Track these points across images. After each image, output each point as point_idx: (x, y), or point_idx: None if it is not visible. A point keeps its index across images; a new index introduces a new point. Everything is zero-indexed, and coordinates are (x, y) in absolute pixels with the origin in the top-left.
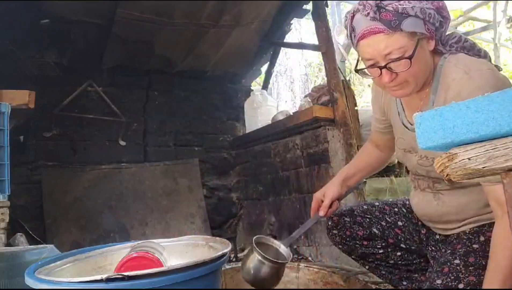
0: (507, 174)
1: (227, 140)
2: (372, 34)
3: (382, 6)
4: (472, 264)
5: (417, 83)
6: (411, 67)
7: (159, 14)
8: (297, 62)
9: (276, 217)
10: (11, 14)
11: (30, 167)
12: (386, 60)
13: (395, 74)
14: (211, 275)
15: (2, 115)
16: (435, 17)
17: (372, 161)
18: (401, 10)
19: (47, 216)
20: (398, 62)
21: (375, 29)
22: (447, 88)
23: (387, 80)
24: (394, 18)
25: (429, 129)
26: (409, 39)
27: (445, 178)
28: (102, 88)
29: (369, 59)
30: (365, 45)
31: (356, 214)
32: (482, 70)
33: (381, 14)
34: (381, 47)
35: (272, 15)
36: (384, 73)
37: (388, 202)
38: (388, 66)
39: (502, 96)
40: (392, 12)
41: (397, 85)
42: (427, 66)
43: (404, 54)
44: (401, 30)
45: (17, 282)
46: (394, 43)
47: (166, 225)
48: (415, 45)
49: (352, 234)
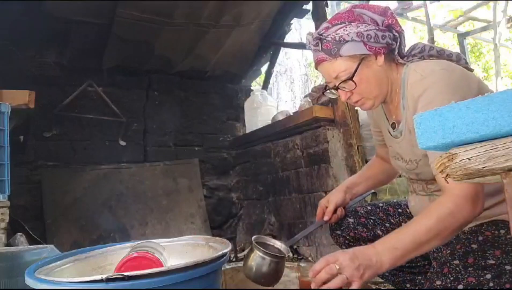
0: (507, 174)
1: (227, 140)
2: (320, 62)
3: (323, 37)
4: (471, 265)
5: (375, 96)
6: (358, 85)
7: (159, 14)
8: (297, 62)
9: (276, 217)
10: (11, 14)
11: (30, 167)
12: (337, 82)
13: (349, 93)
14: (211, 275)
15: (2, 115)
16: (377, 36)
17: (378, 172)
18: (338, 38)
19: (47, 216)
20: (346, 82)
21: (320, 58)
22: (410, 93)
23: (344, 99)
24: (333, 46)
25: (429, 129)
26: (351, 62)
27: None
28: (102, 88)
29: (328, 82)
30: (320, 71)
31: (360, 215)
32: (435, 70)
33: (323, 45)
34: (329, 72)
35: (272, 15)
36: (340, 93)
37: (392, 203)
38: (341, 87)
39: (502, 96)
40: (331, 41)
41: (357, 102)
42: (379, 79)
43: (349, 75)
44: (341, 55)
45: (17, 282)
46: (337, 67)
47: (166, 225)
48: (357, 65)
49: (356, 235)
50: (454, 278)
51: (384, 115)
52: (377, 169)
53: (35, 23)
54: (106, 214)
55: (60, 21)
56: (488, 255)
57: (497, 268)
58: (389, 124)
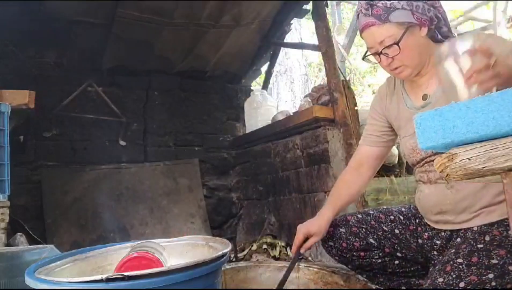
0: (507, 174)
1: (227, 140)
2: (367, 27)
3: (374, 3)
4: (474, 264)
5: (414, 64)
6: (401, 51)
7: (159, 14)
8: (297, 62)
9: (276, 217)
10: (11, 14)
11: (30, 167)
12: (381, 47)
13: (391, 59)
14: (211, 275)
15: (2, 115)
16: (424, 8)
17: (353, 193)
18: (388, 5)
19: (47, 216)
20: (390, 48)
21: (369, 23)
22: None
23: (385, 64)
24: (383, 12)
25: (429, 129)
26: (398, 28)
27: (445, 178)
28: (102, 88)
29: (370, 47)
30: (365, 36)
31: (351, 224)
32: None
33: (373, 10)
34: (375, 37)
35: (272, 15)
36: (382, 58)
37: (382, 210)
38: (384, 52)
39: (502, 96)
40: (382, 8)
41: (396, 68)
42: (420, 49)
43: (395, 41)
44: (390, 21)
45: (17, 282)
46: (384, 32)
47: (166, 225)
48: (403, 32)
49: (349, 246)
50: (456, 276)
51: (405, 96)
52: (351, 189)
53: (35, 23)
54: (106, 214)
55: (60, 21)
56: (492, 255)
57: (501, 268)
58: (413, 101)
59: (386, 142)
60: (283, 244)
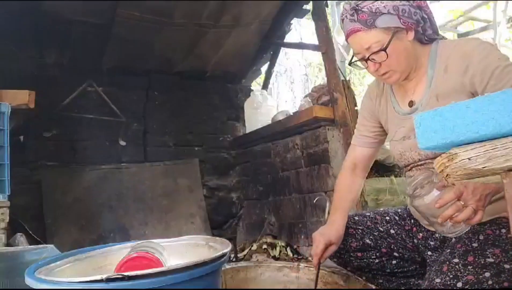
0: (507, 174)
1: (227, 140)
2: (353, 33)
3: (359, 8)
4: (471, 263)
5: (401, 69)
6: (389, 56)
7: (159, 14)
8: (297, 62)
9: (276, 217)
10: (11, 14)
11: (30, 167)
12: (368, 53)
13: (378, 65)
14: (211, 275)
15: (2, 115)
16: (411, 11)
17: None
18: (374, 10)
19: (47, 216)
20: (377, 54)
21: (354, 29)
22: (446, 58)
23: (372, 70)
24: (369, 17)
25: (429, 129)
26: (384, 34)
27: (445, 178)
28: (102, 88)
29: (356, 53)
30: (351, 42)
31: (348, 226)
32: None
33: (358, 16)
34: (362, 43)
35: (272, 15)
36: (369, 64)
37: (379, 211)
38: (371, 58)
39: (502, 96)
40: (367, 12)
41: (384, 74)
42: (408, 53)
43: (382, 46)
44: (376, 27)
45: (17, 282)
46: (371, 38)
47: (166, 225)
48: (390, 38)
49: (346, 247)
50: (454, 276)
51: (393, 99)
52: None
53: (35, 23)
54: (106, 214)
55: (60, 21)
56: (488, 254)
57: (496, 267)
58: (400, 106)
59: (378, 142)
60: (283, 244)
